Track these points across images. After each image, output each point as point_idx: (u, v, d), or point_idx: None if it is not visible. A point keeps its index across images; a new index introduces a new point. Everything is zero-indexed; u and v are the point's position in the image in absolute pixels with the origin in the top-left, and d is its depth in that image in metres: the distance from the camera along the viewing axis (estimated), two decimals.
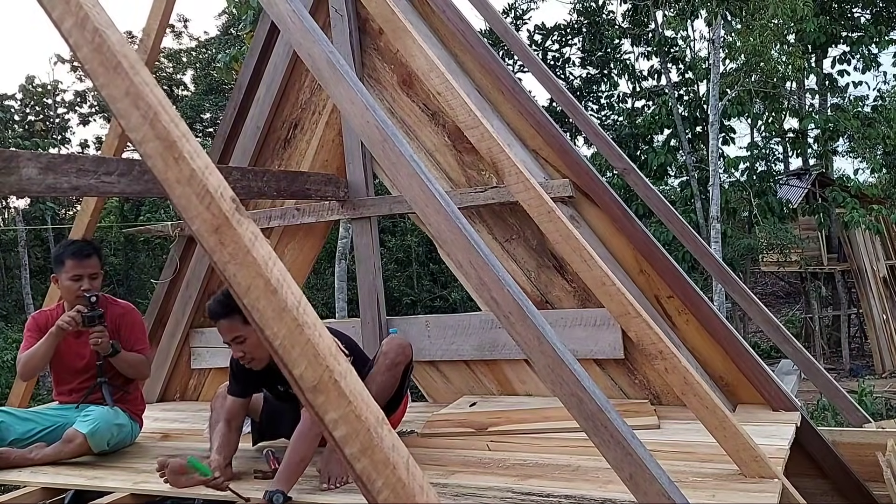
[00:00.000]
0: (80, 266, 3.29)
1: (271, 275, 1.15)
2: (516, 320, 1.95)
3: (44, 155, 2.60)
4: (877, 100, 18.73)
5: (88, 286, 3.30)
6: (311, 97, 4.37)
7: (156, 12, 4.24)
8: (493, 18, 4.37)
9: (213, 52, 22.41)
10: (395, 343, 2.96)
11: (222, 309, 2.72)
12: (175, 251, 4.69)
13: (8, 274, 21.25)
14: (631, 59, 19.17)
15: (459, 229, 2.05)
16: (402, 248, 18.13)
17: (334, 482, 2.62)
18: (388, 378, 2.89)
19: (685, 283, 3.53)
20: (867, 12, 17.64)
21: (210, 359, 4.62)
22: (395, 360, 2.90)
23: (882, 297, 17.12)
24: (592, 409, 1.84)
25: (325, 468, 2.66)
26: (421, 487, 1.10)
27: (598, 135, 4.45)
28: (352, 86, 2.25)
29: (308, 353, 1.11)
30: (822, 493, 3.34)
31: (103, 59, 1.24)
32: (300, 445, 2.55)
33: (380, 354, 2.93)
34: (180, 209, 1.19)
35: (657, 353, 2.46)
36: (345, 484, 2.61)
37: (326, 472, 2.65)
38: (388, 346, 2.94)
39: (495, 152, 2.62)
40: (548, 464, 2.75)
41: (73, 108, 25.41)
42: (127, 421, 3.38)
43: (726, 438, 2.41)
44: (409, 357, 2.97)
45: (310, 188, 3.93)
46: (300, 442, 2.56)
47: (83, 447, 3.17)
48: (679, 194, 16.55)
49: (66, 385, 3.48)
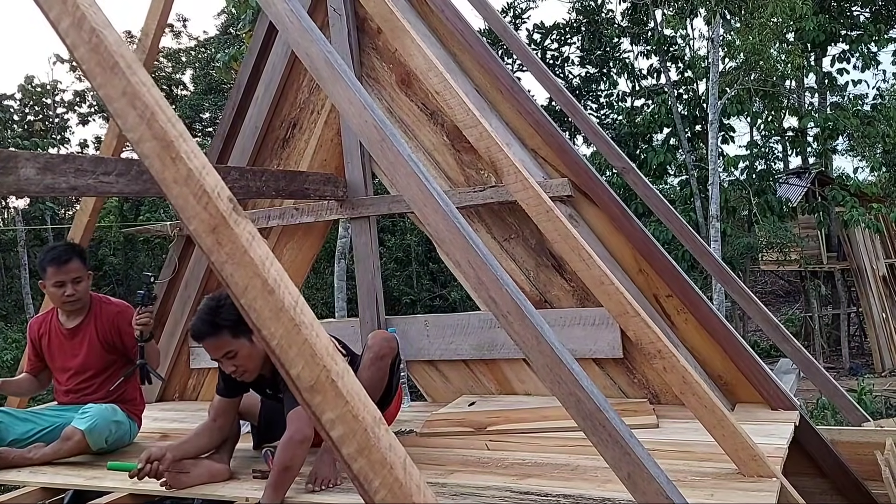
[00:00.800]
0: (61, 272, 3.31)
1: (268, 275, 1.15)
2: (515, 320, 1.95)
3: (42, 155, 2.60)
4: (876, 98, 18.73)
5: (72, 291, 3.32)
6: (310, 97, 4.37)
7: (154, 12, 4.24)
8: (491, 17, 4.37)
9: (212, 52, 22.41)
10: (380, 337, 2.95)
11: (209, 328, 2.64)
12: (174, 251, 4.69)
13: (7, 274, 21.26)
14: (630, 57, 19.21)
15: (458, 229, 2.05)
16: (402, 248, 18.14)
17: (320, 483, 2.58)
18: (375, 372, 2.87)
19: (684, 282, 3.53)
20: (866, 10, 17.65)
21: (209, 358, 4.61)
22: (379, 353, 2.88)
23: (881, 296, 17.13)
24: (591, 408, 1.84)
25: (314, 469, 2.65)
26: (418, 487, 1.10)
27: (597, 134, 4.45)
28: (350, 85, 2.24)
29: (305, 352, 1.11)
30: (820, 493, 3.34)
31: (100, 58, 1.24)
32: (283, 455, 2.48)
33: (365, 349, 2.92)
34: (178, 209, 1.19)
35: (656, 352, 2.46)
36: (333, 486, 2.58)
37: (314, 473, 2.63)
38: (372, 341, 2.92)
39: (494, 151, 2.62)
40: (546, 463, 2.75)
41: (73, 107, 25.41)
42: (125, 419, 3.38)
43: (725, 437, 2.41)
44: (394, 350, 2.95)
45: (308, 188, 3.93)
46: (283, 451, 2.49)
47: (81, 444, 3.16)
48: (678, 193, 16.55)
49: (61, 386, 3.49)
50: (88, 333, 3.40)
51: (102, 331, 3.39)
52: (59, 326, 3.46)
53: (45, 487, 2.97)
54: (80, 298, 3.37)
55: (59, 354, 3.44)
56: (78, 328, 3.42)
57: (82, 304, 3.41)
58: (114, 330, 3.38)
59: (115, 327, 3.38)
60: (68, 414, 3.33)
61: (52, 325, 3.48)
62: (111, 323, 3.39)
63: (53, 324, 3.48)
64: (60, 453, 3.16)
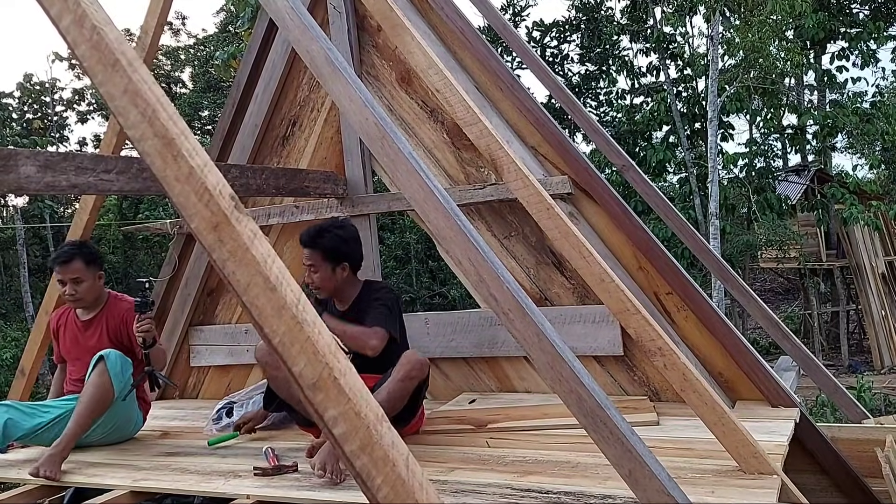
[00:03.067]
0: (61, 272, 3.43)
1: (270, 272, 1.15)
2: (515, 317, 1.95)
3: (42, 153, 2.60)
4: (875, 96, 18.69)
5: (72, 290, 3.42)
6: (310, 94, 4.37)
7: (154, 10, 4.24)
8: (491, 15, 4.37)
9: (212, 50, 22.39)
10: (415, 358, 2.98)
11: (309, 240, 3.19)
12: (174, 249, 4.69)
13: (7, 272, 21.23)
14: (629, 55, 19.16)
15: (458, 226, 2.05)
16: (401, 246, 18.12)
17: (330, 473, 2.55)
18: (399, 389, 2.89)
19: (684, 279, 3.53)
20: (866, 8, 17.64)
21: (209, 356, 4.62)
22: (409, 374, 2.91)
23: (881, 294, 17.14)
24: (592, 405, 1.84)
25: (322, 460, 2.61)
26: (420, 484, 1.10)
27: (597, 131, 4.45)
28: (350, 83, 2.24)
29: (307, 350, 1.11)
30: (820, 490, 3.35)
31: (101, 56, 1.24)
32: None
33: (398, 365, 2.95)
34: (179, 207, 1.19)
35: (656, 349, 2.46)
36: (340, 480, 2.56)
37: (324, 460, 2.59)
38: (406, 359, 2.96)
39: (494, 149, 2.62)
40: (547, 460, 2.75)
41: (72, 105, 25.35)
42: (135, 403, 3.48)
43: (725, 435, 2.41)
44: (424, 374, 3.00)
45: (308, 185, 3.93)
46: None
47: (104, 377, 3.15)
48: (678, 191, 16.54)
49: (72, 375, 3.56)
50: (101, 327, 3.51)
51: (113, 326, 3.50)
52: (75, 318, 3.58)
53: (46, 485, 2.97)
54: (82, 298, 3.45)
55: (73, 345, 3.56)
56: (91, 321, 3.54)
57: (85, 304, 3.50)
58: (122, 326, 3.48)
59: (123, 323, 3.48)
60: (74, 404, 3.36)
61: (69, 317, 3.62)
62: (121, 319, 3.49)
63: (71, 316, 3.62)
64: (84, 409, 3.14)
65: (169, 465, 3.07)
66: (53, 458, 2.98)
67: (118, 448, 3.40)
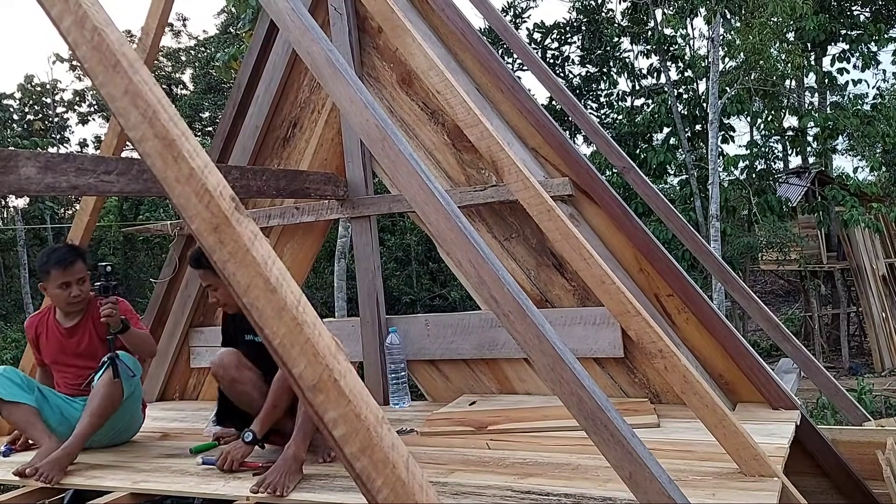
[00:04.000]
0: (66, 274, 3.35)
1: (270, 274, 1.15)
2: (516, 319, 1.95)
3: (43, 154, 2.60)
4: (876, 98, 18.70)
5: (78, 291, 3.36)
6: (311, 96, 4.37)
7: (155, 11, 4.24)
8: (492, 16, 4.37)
9: (212, 51, 22.41)
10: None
11: (195, 263, 3.13)
12: (174, 250, 4.69)
13: (7, 273, 21.25)
14: (630, 57, 19.20)
15: (459, 228, 2.04)
16: (402, 247, 18.13)
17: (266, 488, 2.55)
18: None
19: (685, 281, 3.53)
20: (866, 10, 17.65)
21: (210, 358, 4.61)
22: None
23: (881, 296, 17.13)
24: (592, 407, 1.84)
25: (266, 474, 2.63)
26: (420, 486, 1.10)
27: (598, 133, 4.45)
28: (351, 84, 2.24)
29: (308, 352, 1.11)
30: (821, 492, 3.34)
31: (102, 57, 1.24)
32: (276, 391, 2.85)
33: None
34: (179, 208, 1.19)
35: (657, 351, 2.46)
36: (279, 495, 2.53)
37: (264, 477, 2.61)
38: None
39: (495, 151, 2.61)
40: (547, 462, 2.75)
41: (72, 107, 25.39)
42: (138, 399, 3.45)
43: (726, 437, 2.41)
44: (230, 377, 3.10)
45: (309, 187, 3.92)
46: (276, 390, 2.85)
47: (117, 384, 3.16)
48: (678, 193, 16.54)
49: (62, 380, 3.51)
50: (88, 330, 3.44)
51: (99, 325, 3.41)
52: (56, 325, 3.48)
53: (45, 487, 2.97)
54: (85, 298, 3.42)
55: (58, 352, 3.47)
56: (76, 327, 3.45)
57: (85, 304, 3.46)
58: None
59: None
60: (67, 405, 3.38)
61: (49, 323, 3.51)
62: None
63: (50, 323, 3.50)
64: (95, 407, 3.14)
65: (169, 466, 3.06)
66: (60, 461, 2.96)
67: (118, 450, 3.40)
